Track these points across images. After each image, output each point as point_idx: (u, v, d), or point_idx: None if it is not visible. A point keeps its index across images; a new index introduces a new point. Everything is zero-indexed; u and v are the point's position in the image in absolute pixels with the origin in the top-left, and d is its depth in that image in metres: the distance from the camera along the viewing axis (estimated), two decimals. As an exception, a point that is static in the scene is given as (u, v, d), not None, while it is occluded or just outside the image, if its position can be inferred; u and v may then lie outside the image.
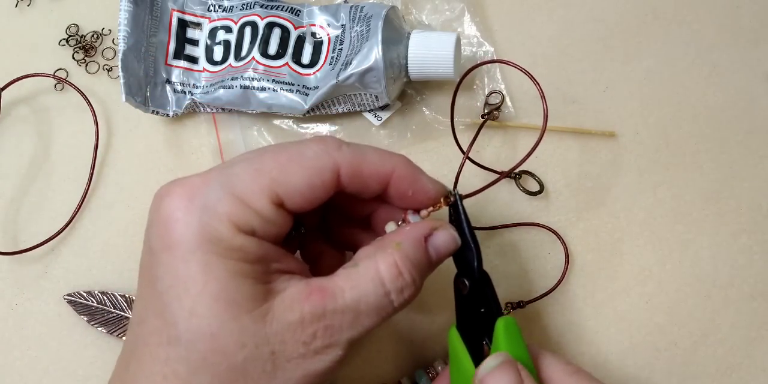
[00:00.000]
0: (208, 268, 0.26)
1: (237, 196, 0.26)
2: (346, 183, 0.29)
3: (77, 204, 0.42)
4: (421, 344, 0.39)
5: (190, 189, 0.27)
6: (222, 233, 0.26)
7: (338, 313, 0.26)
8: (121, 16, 0.40)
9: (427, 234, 0.29)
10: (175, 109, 0.43)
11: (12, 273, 0.42)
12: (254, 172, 0.27)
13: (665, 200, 0.41)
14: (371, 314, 0.27)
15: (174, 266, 0.26)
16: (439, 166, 0.42)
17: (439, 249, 0.30)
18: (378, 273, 0.27)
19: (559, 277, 0.39)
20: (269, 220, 0.27)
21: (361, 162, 0.28)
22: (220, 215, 0.26)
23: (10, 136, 0.45)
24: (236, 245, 0.26)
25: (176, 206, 0.26)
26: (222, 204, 0.26)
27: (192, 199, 0.26)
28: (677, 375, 0.38)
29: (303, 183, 0.27)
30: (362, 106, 0.41)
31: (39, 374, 0.41)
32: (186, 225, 0.26)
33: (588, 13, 0.44)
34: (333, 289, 0.27)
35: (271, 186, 0.27)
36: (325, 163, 0.28)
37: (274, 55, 0.40)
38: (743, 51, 0.43)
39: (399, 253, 0.28)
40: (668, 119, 0.42)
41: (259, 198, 0.27)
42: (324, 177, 0.28)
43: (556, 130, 0.41)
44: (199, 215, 0.26)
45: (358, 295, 0.27)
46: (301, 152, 0.28)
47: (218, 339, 0.25)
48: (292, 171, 0.27)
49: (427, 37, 0.39)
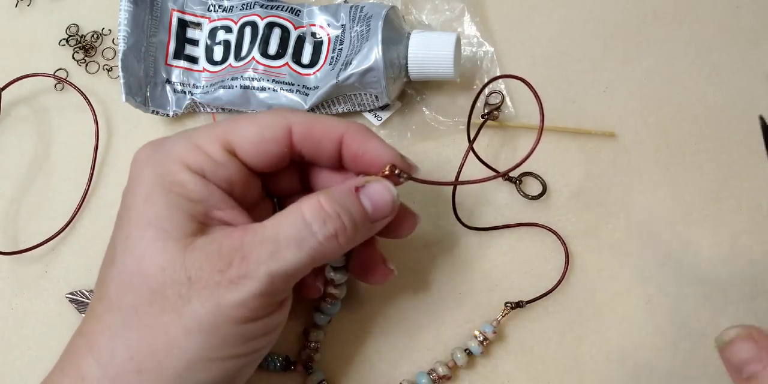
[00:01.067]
0: (150, 198, 0.28)
1: (191, 142, 0.30)
2: (300, 143, 0.31)
3: (77, 204, 0.42)
4: (422, 346, 0.39)
5: (156, 140, 0.31)
6: (169, 168, 0.29)
7: (255, 244, 0.27)
8: (121, 16, 0.40)
9: (359, 185, 0.30)
10: (175, 109, 0.43)
11: (12, 273, 0.42)
12: (211, 125, 0.31)
13: (665, 200, 0.41)
14: (292, 246, 0.27)
15: (126, 199, 0.29)
16: (440, 165, 0.42)
17: (374, 199, 0.30)
18: (300, 210, 0.28)
19: (559, 277, 0.39)
20: (220, 163, 0.29)
21: (313, 122, 0.31)
22: (172, 155, 0.29)
23: (10, 136, 0.45)
24: (180, 180, 0.29)
25: (140, 151, 0.30)
26: (176, 147, 0.29)
27: (153, 145, 0.30)
28: (677, 375, 0.38)
29: (254, 133, 0.30)
30: (362, 106, 0.41)
31: (39, 374, 0.40)
32: (143, 164, 0.30)
33: (588, 13, 0.44)
34: (255, 227, 0.28)
35: (223, 134, 0.30)
36: (276, 120, 0.30)
37: (274, 55, 0.40)
38: (743, 51, 0.43)
39: (324, 194, 0.29)
40: (668, 119, 0.42)
41: (211, 143, 0.30)
42: (275, 131, 0.30)
43: (556, 130, 0.41)
44: (154, 155, 0.30)
45: (277, 227, 0.28)
46: (256, 114, 0.31)
47: (143, 260, 0.27)
48: (244, 124, 0.30)
49: (427, 37, 0.39)
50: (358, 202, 0.29)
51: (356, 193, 0.30)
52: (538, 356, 0.39)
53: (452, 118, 0.42)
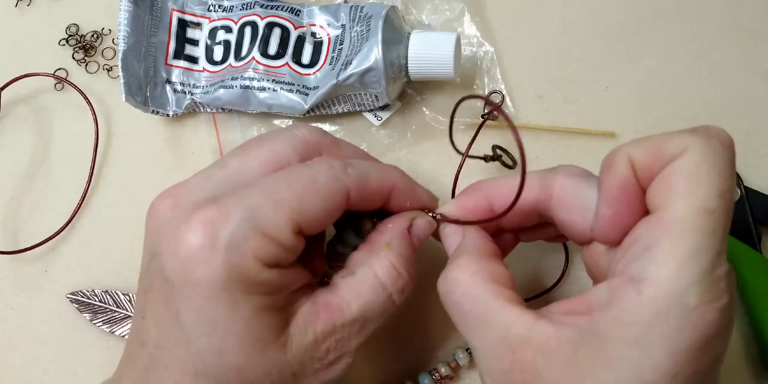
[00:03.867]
0: (235, 307, 0.26)
1: (262, 232, 0.26)
2: (354, 203, 0.29)
3: (77, 204, 0.42)
4: (425, 346, 0.39)
5: (211, 224, 0.26)
6: (248, 271, 0.26)
7: (347, 325, 0.28)
8: (121, 16, 0.40)
9: (408, 226, 0.31)
10: (175, 109, 0.43)
11: (12, 272, 0.42)
12: (275, 204, 0.27)
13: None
14: (376, 318, 0.29)
15: (199, 304, 0.26)
16: (440, 165, 0.42)
17: (420, 237, 0.31)
18: (377, 278, 0.29)
19: (558, 275, 0.39)
20: (291, 249, 0.27)
21: (365, 183, 0.29)
22: (245, 252, 0.26)
23: (10, 135, 0.45)
24: (262, 280, 0.26)
25: (199, 244, 0.26)
26: (248, 242, 0.26)
27: (215, 237, 0.26)
28: (677, 375, 0.38)
29: (320, 210, 0.28)
30: (362, 106, 0.41)
31: (39, 374, 0.41)
32: (211, 264, 0.26)
33: (588, 13, 0.44)
34: (339, 304, 0.28)
35: (293, 216, 0.27)
36: (337, 188, 0.28)
37: (274, 55, 0.40)
38: (743, 51, 0.43)
39: (392, 254, 0.29)
40: (668, 119, 0.42)
41: (283, 231, 0.27)
42: (336, 201, 0.28)
43: (556, 130, 0.41)
44: (224, 254, 0.26)
45: (363, 305, 0.29)
46: (314, 178, 0.28)
47: (246, 372, 0.27)
48: (309, 199, 0.27)
49: (427, 37, 0.39)
50: (413, 248, 0.31)
51: (410, 238, 0.31)
52: (538, 356, 0.39)
53: (452, 117, 0.42)
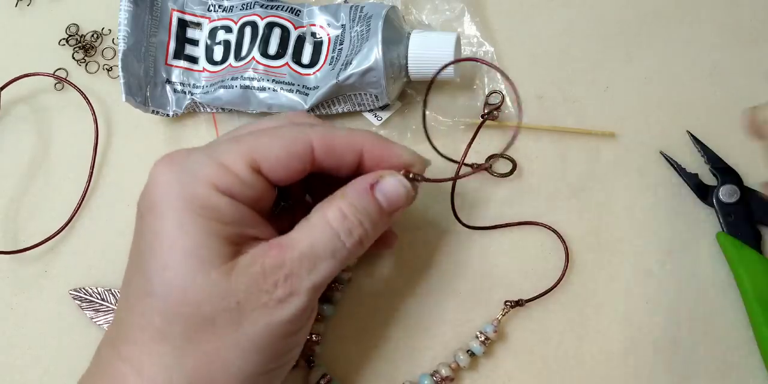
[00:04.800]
0: (183, 226, 0.28)
1: (217, 160, 0.29)
2: (321, 157, 0.31)
3: (77, 204, 0.42)
4: (422, 345, 0.39)
5: (176, 156, 0.29)
6: (199, 192, 0.28)
7: (296, 260, 0.28)
8: (121, 16, 0.40)
9: (373, 182, 0.31)
10: (175, 109, 0.43)
11: (12, 272, 0.42)
12: (234, 141, 0.30)
13: (665, 200, 0.41)
14: (327, 257, 0.29)
15: (153, 224, 0.28)
16: (440, 165, 0.42)
17: (388, 194, 0.31)
18: (326, 219, 0.29)
19: (558, 276, 0.39)
20: (247, 183, 0.29)
21: (331, 137, 0.31)
22: (199, 176, 0.28)
23: (10, 135, 0.45)
24: (211, 204, 0.28)
25: (161, 170, 0.29)
26: (202, 167, 0.29)
27: (175, 164, 0.29)
28: (677, 375, 0.38)
29: (278, 150, 0.30)
30: (362, 106, 0.41)
31: (39, 373, 0.41)
32: (167, 185, 0.28)
33: (588, 13, 0.44)
34: (289, 242, 0.29)
35: (249, 152, 0.29)
36: (298, 136, 0.30)
37: (274, 55, 0.40)
38: (743, 51, 0.43)
39: (344, 201, 0.30)
40: (668, 119, 0.42)
41: (238, 162, 0.29)
42: (298, 147, 0.30)
43: (556, 130, 0.41)
44: (179, 176, 0.28)
45: (312, 241, 0.29)
46: (276, 126, 0.31)
47: (188, 291, 0.27)
48: (268, 141, 0.30)
49: (427, 37, 0.39)
50: (375, 203, 0.31)
51: (372, 193, 0.31)
52: (538, 355, 0.39)
53: (452, 118, 0.42)
